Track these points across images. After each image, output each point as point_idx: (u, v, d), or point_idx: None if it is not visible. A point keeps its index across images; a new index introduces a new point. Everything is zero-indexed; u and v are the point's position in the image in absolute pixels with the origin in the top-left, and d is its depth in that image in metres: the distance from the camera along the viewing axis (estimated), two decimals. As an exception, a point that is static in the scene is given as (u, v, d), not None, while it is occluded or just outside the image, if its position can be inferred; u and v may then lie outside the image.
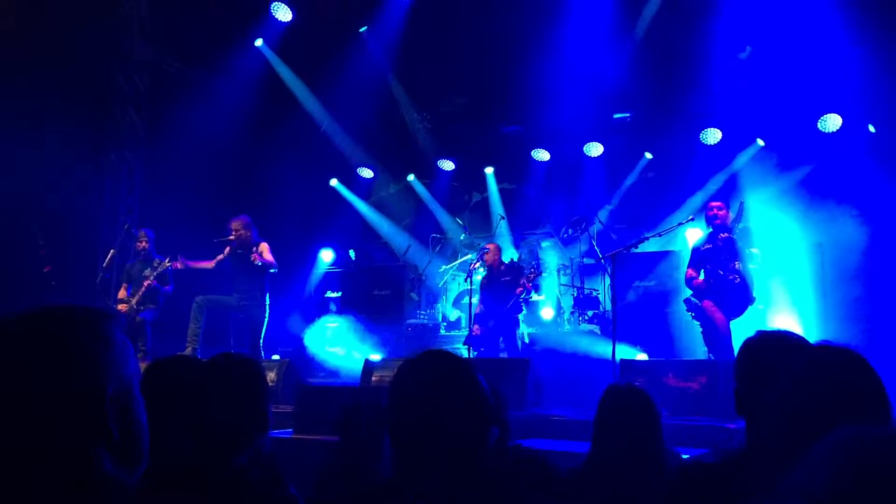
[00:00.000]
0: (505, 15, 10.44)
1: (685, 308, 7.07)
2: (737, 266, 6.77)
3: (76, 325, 1.13)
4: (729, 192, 9.52)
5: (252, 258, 8.33)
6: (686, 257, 7.39)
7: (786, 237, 8.49)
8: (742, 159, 10.48)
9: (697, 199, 10.30)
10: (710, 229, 7.05)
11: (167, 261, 8.71)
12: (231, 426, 1.76)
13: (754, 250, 7.86)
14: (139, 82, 11.04)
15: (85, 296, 9.88)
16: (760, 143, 10.48)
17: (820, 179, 9.08)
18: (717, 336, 6.66)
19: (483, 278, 9.00)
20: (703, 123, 10.96)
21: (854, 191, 8.56)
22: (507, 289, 8.60)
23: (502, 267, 8.93)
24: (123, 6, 10.59)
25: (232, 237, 8.44)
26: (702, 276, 6.98)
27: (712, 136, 11.02)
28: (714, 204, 7.14)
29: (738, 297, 6.77)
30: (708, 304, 6.74)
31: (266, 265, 8.40)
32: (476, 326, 8.49)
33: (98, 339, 1.12)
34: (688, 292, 7.06)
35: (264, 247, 8.48)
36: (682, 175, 10.82)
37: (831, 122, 10.06)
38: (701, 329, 6.91)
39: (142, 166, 11.13)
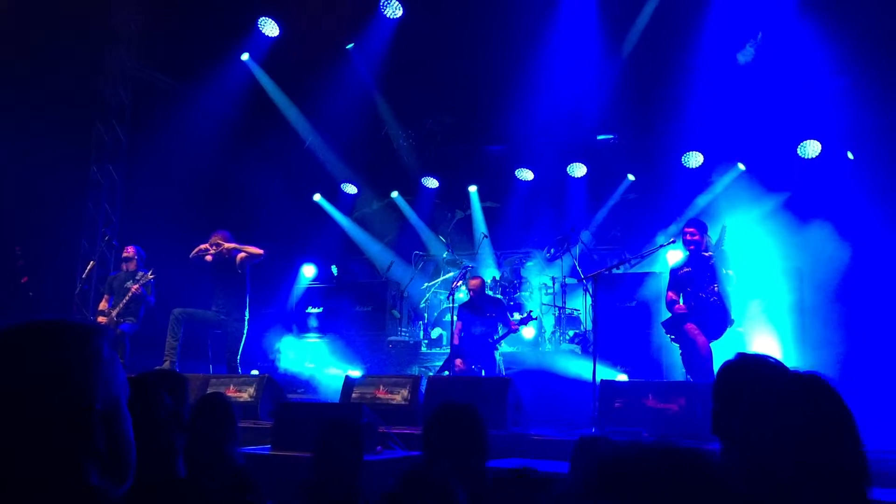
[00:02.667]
0: (491, 35, 10.51)
1: (664, 331, 7.10)
2: (715, 288, 6.83)
3: (66, 339, 1.13)
4: (710, 215, 9.59)
5: (238, 257, 8.30)
6: (666, 279, 7.43)
7: (766, 261, 8.55)
8: (723, 183, 10.57)
9: (679, 222, 10.36)
10: (688, 252, 7.10)
11: (150, 273, 8.64)
12: (154, 439, 1.77)
13: (729, 272, 7.92)
14: (124, 95, 11.01)
15: (63, 307, 9.78)
16: (741, 167, 10.58)
17: (800, 204, 9.16)
18: (697, 359, 6.67)
19: (465, 305, 9.16)
20: (685, 147, 11.06)
21: (833, 216, 8.65)
22: (489, 323, 8.86)
23: (485, 300, 9.15)
24: (112, 19, 10.58)
25: (212, 250, 8.39)
26: (681, 300, 7.02)
27: (694, 159, 11.13)
28: (688, 230, 7.13)
29: (718, 318, 6.81)
30: (691, 326, 6.75)
31: (252, 256, 8.38)
32: (459, 360, 8.58)
33: (87, 354, 1.13)
34: (668, 314, 7.09)
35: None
36: (664, 197, 10.90)
37: (811, 148, 10.20)
38: (680, 351, 6.94)
39: (124, 178, 11.07)
